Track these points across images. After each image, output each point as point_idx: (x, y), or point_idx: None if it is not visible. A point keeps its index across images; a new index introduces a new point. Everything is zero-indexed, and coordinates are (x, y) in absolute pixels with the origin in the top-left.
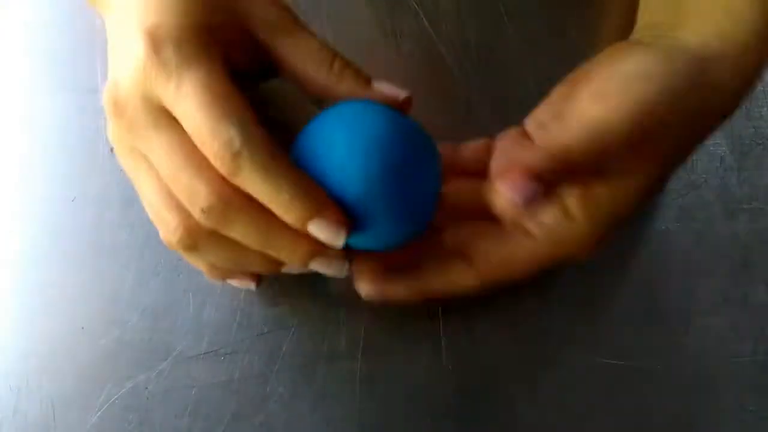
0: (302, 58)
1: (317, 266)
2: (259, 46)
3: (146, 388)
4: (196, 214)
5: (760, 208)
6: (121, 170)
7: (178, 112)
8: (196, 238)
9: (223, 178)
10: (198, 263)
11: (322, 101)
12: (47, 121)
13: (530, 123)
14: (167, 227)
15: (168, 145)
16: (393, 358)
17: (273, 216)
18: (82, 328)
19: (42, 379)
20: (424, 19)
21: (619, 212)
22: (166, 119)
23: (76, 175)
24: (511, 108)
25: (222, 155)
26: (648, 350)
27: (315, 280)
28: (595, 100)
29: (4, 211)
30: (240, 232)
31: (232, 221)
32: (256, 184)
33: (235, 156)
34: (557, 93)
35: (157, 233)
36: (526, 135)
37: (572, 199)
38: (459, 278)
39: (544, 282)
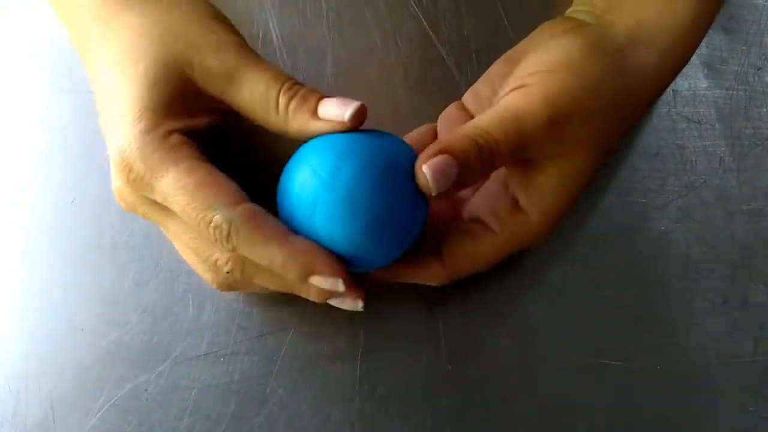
0: (250, 106)
1: (335, 304)
2: (209, 99)
3: (146, 389)
4: (222, 276)
5: (759, 209)
6: None
7: (169, 208)
8: (235, 285)
9: None
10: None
11: None
12: (46, 122)
13: (468, 95)
14: (210, 280)
15: (174, 227)
16: (393, 358)
17: None
18: (82, 329)
19: (41, 381)
20: (423, 21)
21: (563, 200)
22: (163, 208)
23: (75, 176)
24: None
25: (216, 237)
26: (648, 351)
27: None
28: (518, 90)
29: (4, 212)
30: (263, 283)
31: (253, 277)
32: (253, 256)
33: (228, 237)
34: (494, 70)
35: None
36: (463, 108)
37: (520, 193)
38: (431, 275)
39: (544, 283)
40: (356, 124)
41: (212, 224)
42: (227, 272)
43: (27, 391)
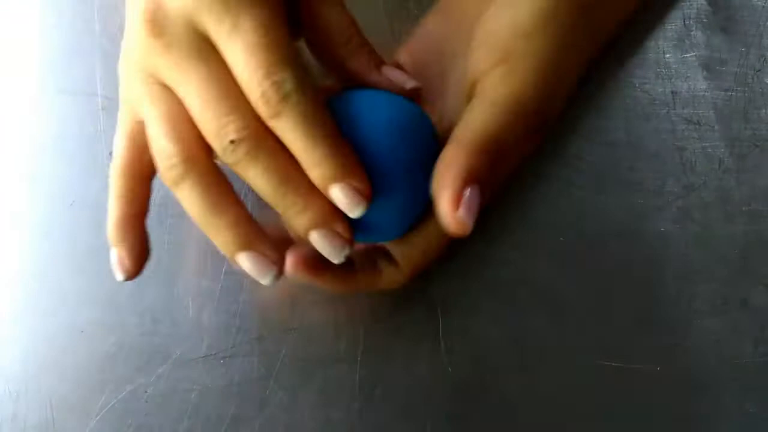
0: (331, 30)
1: (317, 239)
2: (301, 14)
3: (145, 391)
4: (221, 145)
5: (758, 210)
6: None
7: (229, 47)
8: (191, 172)
9: (257, 117)
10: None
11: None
12: (45, 124)
13: (404, 56)
14: (169, 158)
15: (207, 75)
16: (392, 360)
17: (296, 168)
18: (81, 331)
19: (41, 383)
20: None
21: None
22: (208, 50)
23: (74, 178)
24: None
25: (270, 96)
26: (647, 352)
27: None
28: (503, 72)
29: (3, 215)
30: (260, 172)
31: (257, 158)
32: (294, 131)
33: (284, 98)
34: (431, 26)
35: (155, 236)
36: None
37: None
38: (387, 278)
39: (544, 284)
40: (414, 97)
41: (276, 77)
42: (232, 141)
43: (27, 392)
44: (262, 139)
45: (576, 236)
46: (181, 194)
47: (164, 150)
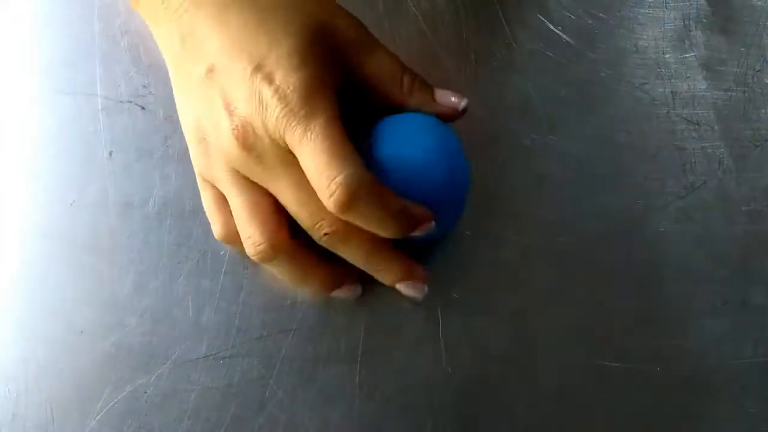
0: (380, 75)
1: (403, 288)
2: (345, 65)
3: (145, 392)
4: (317, 237)
5: (758, 210)
6: (119, 173)
7: (301, 153)
8: (275, 254)
9: None
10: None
11: None
12: (46, 124)
13: None
14: (255, 244)
15: (297, 180)
16: (392, 360)
17: (379, 238)
18: (81, 332)
19: (40, 383)
20: (422, 22)
21: None
22: (290, 158)
23: (74, 178)
24: (509, 111)
25: (338, 193)
26: (647, 352)
27: None
28: None
29: (2, 214)
30: (350, 250)
31: (347, 243)
32: (369, 215)
33: (353, 194)
34: None
35: (155, 237)
36: None
37: None
38: None
39: (544, 283)
40: (463, 115)
41: (341, 177)
42: (326, 234)
43: (26, 393)
44: (348, 228)
45: (576, 236)
46: (272, 267)
47: (250, 234)
